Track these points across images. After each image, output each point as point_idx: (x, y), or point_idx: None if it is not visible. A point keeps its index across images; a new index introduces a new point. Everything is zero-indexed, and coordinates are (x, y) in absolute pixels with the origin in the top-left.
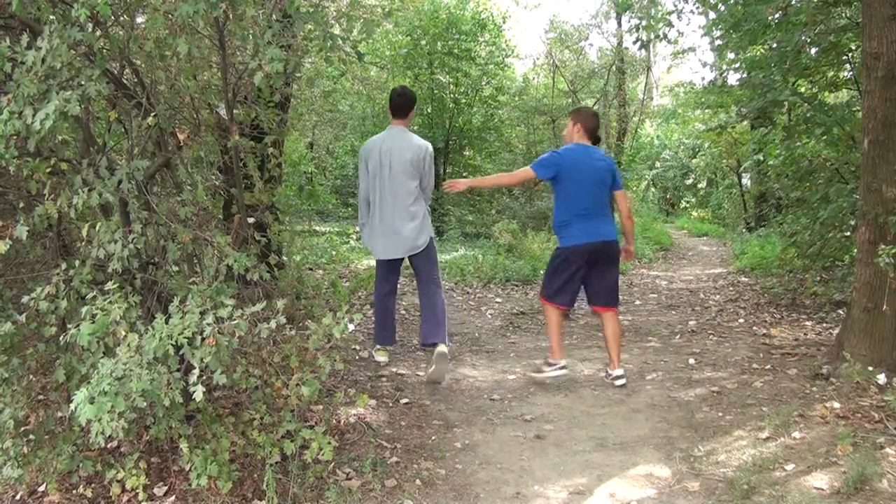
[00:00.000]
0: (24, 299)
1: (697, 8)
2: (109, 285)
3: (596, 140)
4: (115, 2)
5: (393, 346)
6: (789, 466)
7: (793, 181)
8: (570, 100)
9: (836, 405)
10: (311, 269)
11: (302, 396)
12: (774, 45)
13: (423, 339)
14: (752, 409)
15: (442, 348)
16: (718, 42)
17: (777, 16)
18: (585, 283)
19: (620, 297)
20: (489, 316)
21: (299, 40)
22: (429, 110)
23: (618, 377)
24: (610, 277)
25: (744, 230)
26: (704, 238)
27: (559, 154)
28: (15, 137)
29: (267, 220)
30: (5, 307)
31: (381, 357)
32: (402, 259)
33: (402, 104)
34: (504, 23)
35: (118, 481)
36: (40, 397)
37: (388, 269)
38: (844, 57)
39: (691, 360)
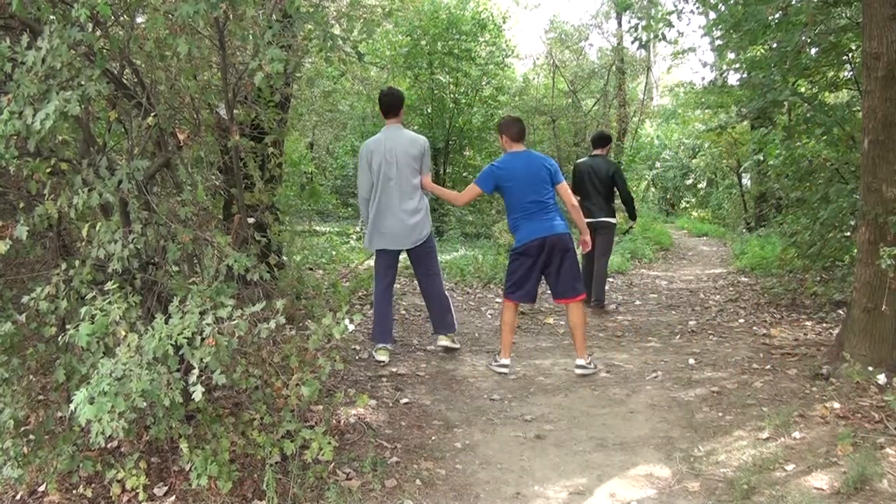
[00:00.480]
0: (24, 299)
1: (697, 8)
2: (109, 285)
3: (606, 141)
4: (115, 2)
5: (392, 346)
6: (789, 466)
7: (793, 181)
8: (569, 100)
9: (836, 405)
10: (311, 269)
11: (302, 396)
12: (774, 45)
13: (434, 330)
14: (752, 410)
15: (442, 341)
16: (718, 42)
17: (777, 16)
18: (547, 279)
19: (620, 296)
20: (489, 316)
21: (299, 40)
22: (429, 110)
23: (578, 366)
24: (566, 270)
25: (744, 230)
26: (704, 238)
27: (495, 166)
28: (15, 137)
29: (267, 220)
30: (5, 307)
31: (382, 356)
32: (400, 253)
33: (391, 103)
34: (504, 23)
35: (118, 481)
36: (40, 397)
37: (389, 262)
38: (844, 57)
39: (691, 360)
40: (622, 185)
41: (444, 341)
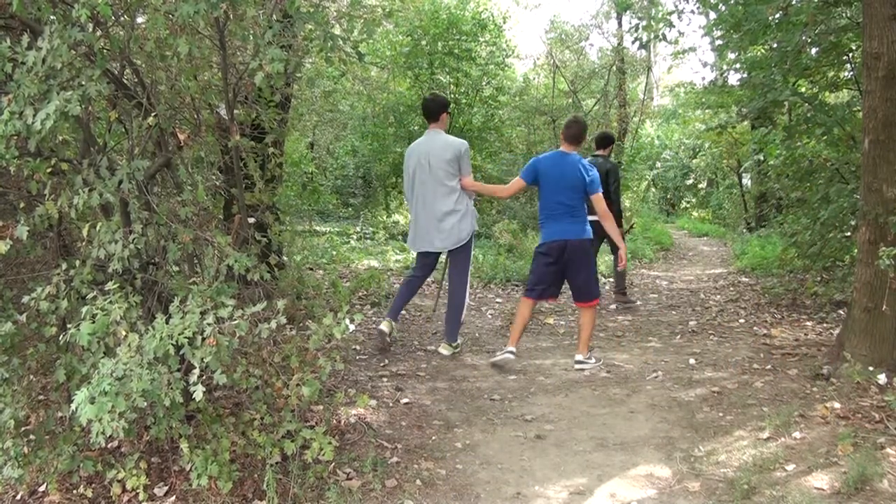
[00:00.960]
0: (25, 299)
1: (698, 8)
2: (110, 285)
3: (609, 142)
4: (115, 2)
5: (396, 323)
6: (790, 466)
7: (793, 181)
8: (570, 100)
9: (837, 405)
10: (311, 270)
11: (302, 396)
12: (775, 45)
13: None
14: (752, 410)
15: (442, 349)
16: (719, 42)
17: (777, 16)
18: (567, 280)
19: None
20: (489, 316)
21: (300, 40)
22: None
23: (577, 361)
24: (580, 275)
25: (744, 230)
26: (705, 238)
27: (537, 159)
28: (15, 137)
29: (267, 220)
30: (6, 307)
31: (383, 326)
32: (440, 253)
33: (432, 108)
34: (504, 23)
35: (118, 481)
36: (41, 397)
37: (425, 262)
38: (845, 57)
39: (692, 361)
40: (611, 185)
41: (443, 350)
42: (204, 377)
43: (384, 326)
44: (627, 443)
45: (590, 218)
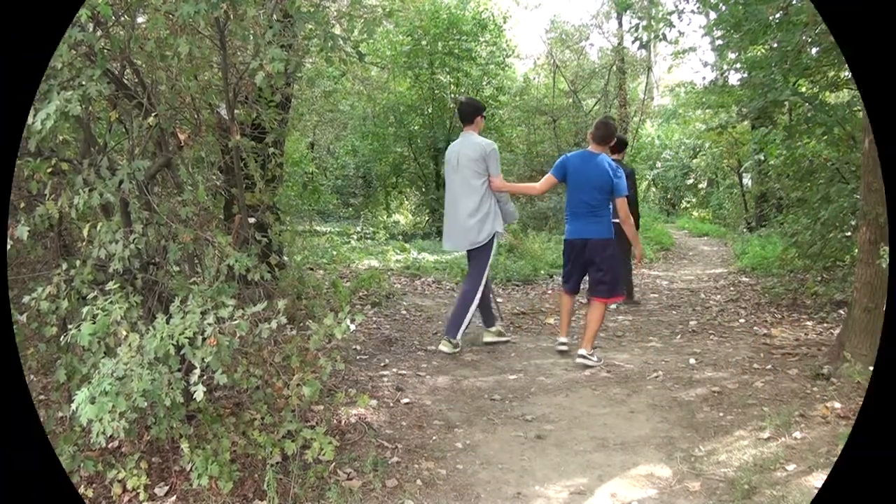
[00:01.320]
0: (25, 299)
1: (698, 8)
2: (110, 285)
3: (622, 146)
4: (115, 2)
5: (501, 323)
6: (790, 466)
7: (793, 181)
8: (570, 100)
9: (837, 405)
10: (311, 270)
11: (303, 396)
12: (775, 45)
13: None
14: (752, 409)
15: (442, 346)
16: (719, 42)
17: (778, 15)
18: (588, 276)
19: None
20: None
21: (300, 40)
22: (429, 110)
23: (579, 356)
24: (602, 272)
25: (745, 230)
26: (705, 238)
27: (566, 156)
28: None
29: (268, 220)
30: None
31: (488, 338)
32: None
33: (466, 112)
34: (505, 23)
35: (119, 481)
36: (41, 397)
37: (467, 259)
38: None
39: (692, 360)
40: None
41: (443, 347)
42: (204, 377)
43: (489, 338)
44: (628, 443)
45: (615, 220)
